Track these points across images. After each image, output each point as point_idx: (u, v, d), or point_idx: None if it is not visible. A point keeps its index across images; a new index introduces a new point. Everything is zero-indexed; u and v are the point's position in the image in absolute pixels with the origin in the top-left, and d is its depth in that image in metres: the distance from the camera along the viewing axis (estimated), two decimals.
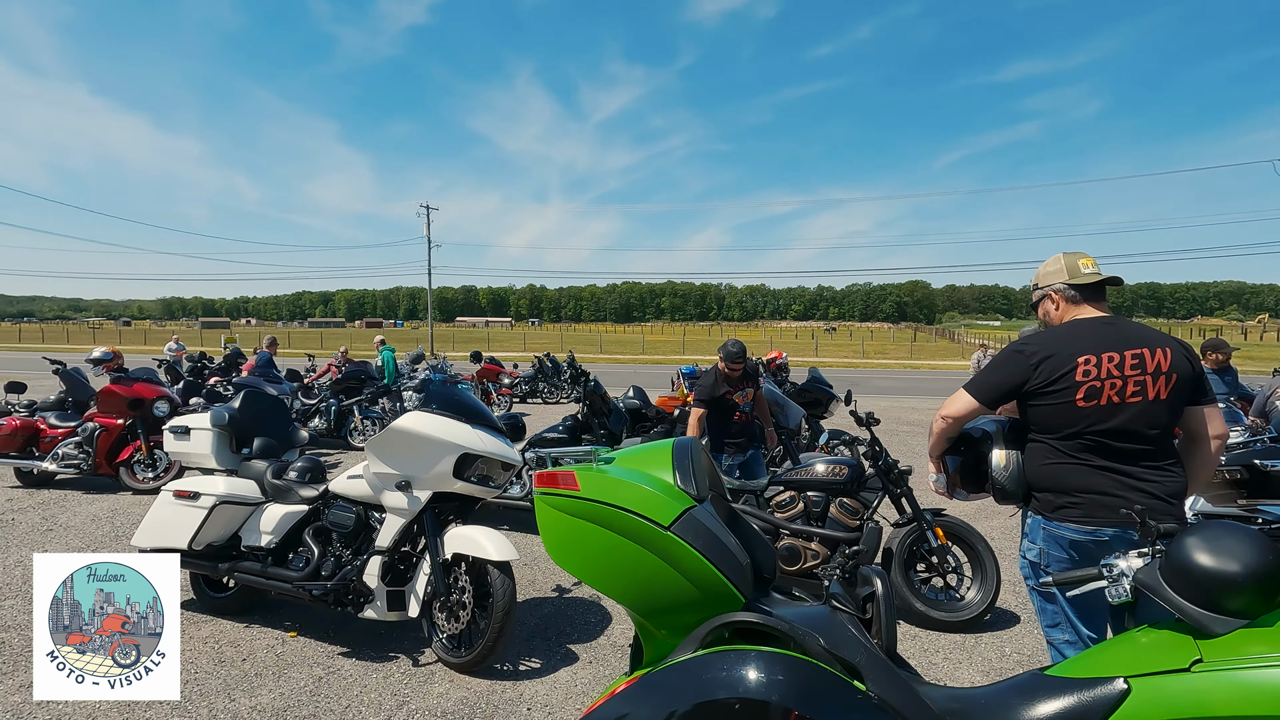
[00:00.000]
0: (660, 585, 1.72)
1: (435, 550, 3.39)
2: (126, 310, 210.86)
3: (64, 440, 7.45)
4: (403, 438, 3.37)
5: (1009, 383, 2.43)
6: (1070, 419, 2.33)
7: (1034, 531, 2.45)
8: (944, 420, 2.59)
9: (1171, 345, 2.32)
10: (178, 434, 4.17)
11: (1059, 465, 2.38)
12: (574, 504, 1.84)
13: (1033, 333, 2.61)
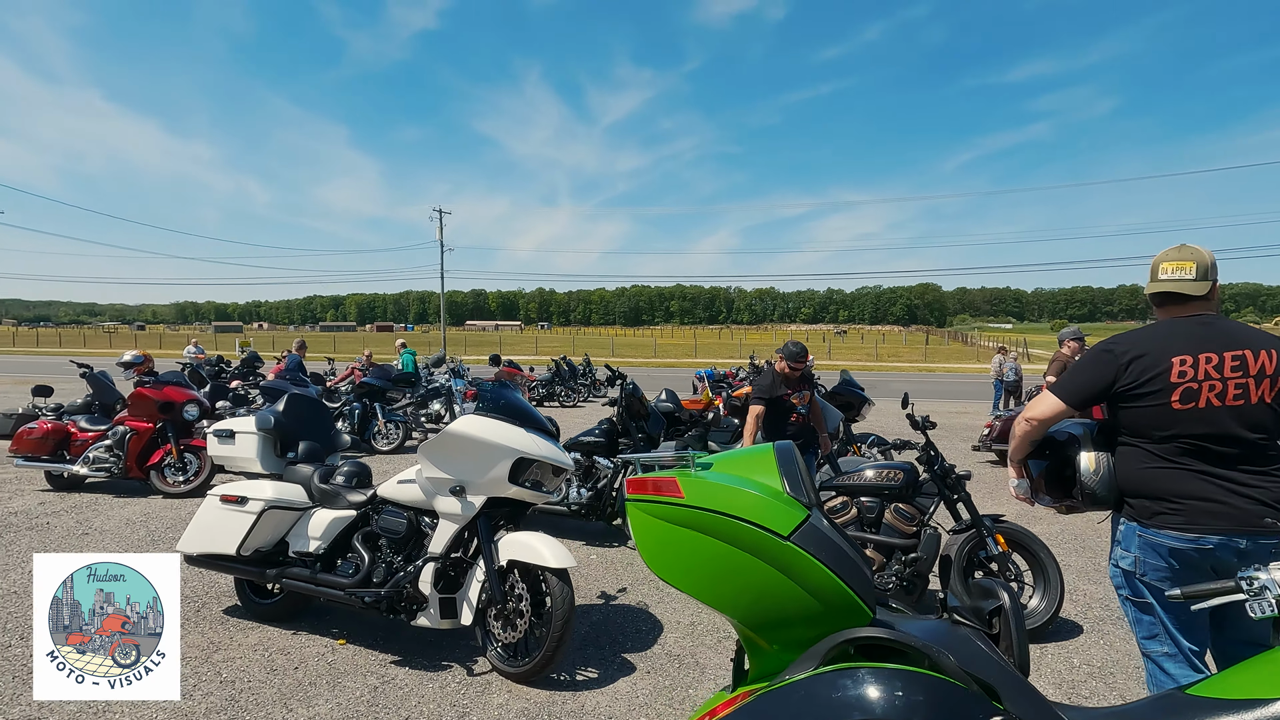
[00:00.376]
0: (775, 597, 1.63)
1: (490, 557, 3.32)
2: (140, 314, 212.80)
3: (94, 444, 7.45)
4: (458, 442, 3.30)
5: (1098, 384, 2.33)
6: (1165, 421, 2.23)
7: (1128, 539, 2.35)
8: (1028, 423, 2.49)
9: (1278, 348, 2.21)
10: (222, 437, 4.12)
11: (1155, 470, 2.27)
12: (677, 511, 1.76)
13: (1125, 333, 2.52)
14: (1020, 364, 17.57)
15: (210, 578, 4.55)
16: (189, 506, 6.67)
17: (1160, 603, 2.30)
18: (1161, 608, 2.30)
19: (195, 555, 3.86)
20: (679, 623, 4.00)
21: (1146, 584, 2.31)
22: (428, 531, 3.55)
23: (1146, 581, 2.31)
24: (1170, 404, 2.21)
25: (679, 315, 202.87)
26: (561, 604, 3.17)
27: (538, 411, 3.64)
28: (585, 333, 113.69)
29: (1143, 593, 2.33)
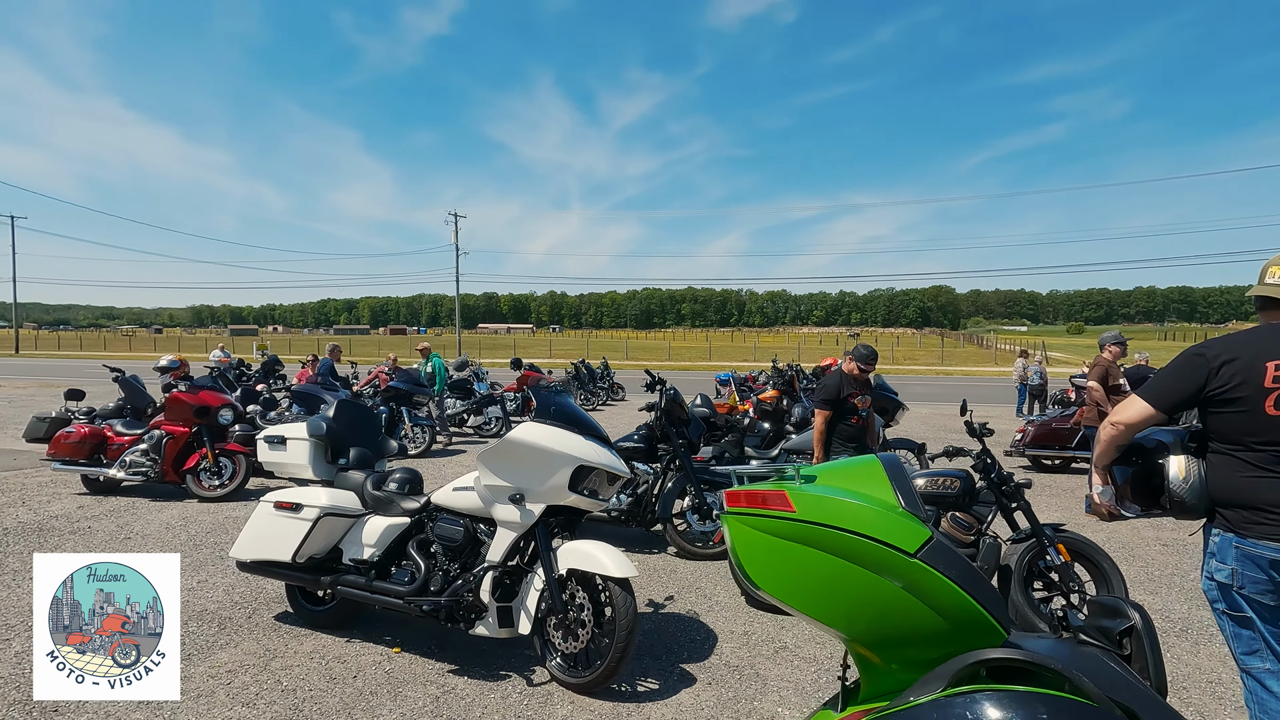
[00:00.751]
0: (898, 616, 1.58)
1: (550, 565, 3.28)
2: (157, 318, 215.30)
3: (130, 448, 7.50)
4: (518, 450, 3.27)
5: (1188, 388, 2.27)
6: (1259, 428, 2.17)
7: (1224, 550, 2.26)
8: (1115, 427, 2.41)
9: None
10: (272, 443, 4.12)
11: (1252, 479, 2.20)
12: (789, 526, 1.72)
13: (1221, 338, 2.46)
14: (1045, 367, 17.37)
15: (258, 583, 4.55)
16: (226, 510, 6.70)
17: (1261, 616, 2.22)
18: (1262, 621, 2.22)
19: (249, 562, 3.86)
20: (732, 632, 3.95)
21: (1245, 597, 2.24)
22: (484, 539, 3.52)
23: (1245, 595, 2.23)
24: (1264, 410, 2.14)
25: (690, 318, 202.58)
26: (625, 614, 3.13)
27: (592, 419, 3.61)
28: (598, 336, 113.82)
29: (1241, 606, 2.24)
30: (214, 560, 5.10)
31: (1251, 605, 2.23)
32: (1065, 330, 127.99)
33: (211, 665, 3.43)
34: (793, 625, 4.04)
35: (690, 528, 5.47)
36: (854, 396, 5.03)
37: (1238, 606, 2.26)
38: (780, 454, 6.48)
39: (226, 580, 4.66)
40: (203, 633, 3.82)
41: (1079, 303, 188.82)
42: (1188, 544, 5.87)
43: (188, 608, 4.16)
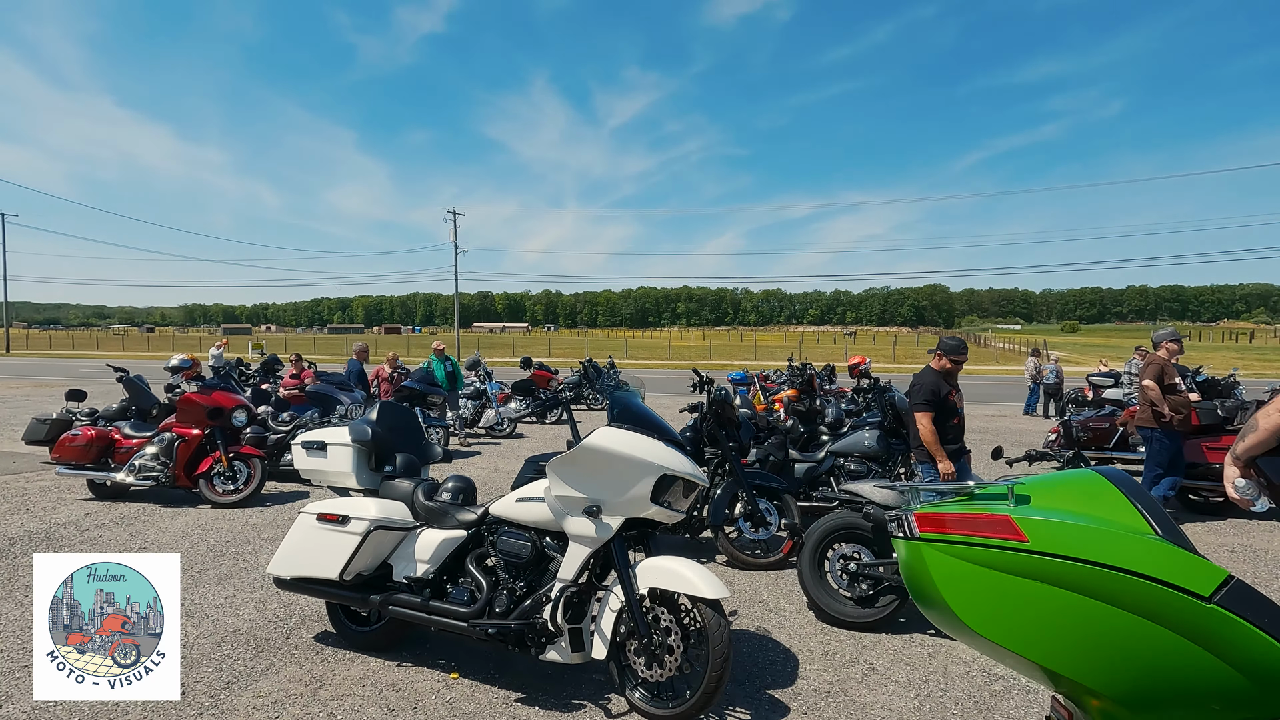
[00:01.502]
0: (1178, 671, 1.28)
1: (630, 584, 2.98)
2: (149, 317, 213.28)
3: (139, 451, 7.16)
4: (596, 457, 2.97)
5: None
6: None
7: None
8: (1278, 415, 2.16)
9: None
10: (311, 449, 3.80)
11: None
12: (1017, 559, 1.42)
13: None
14: (1060, 365, 17.16)
15: (290, 598, 4.24)
16: (243, 517, 6.37)
17: None
18: None
19: (289, 579, 3.54)
20: (811, 651, 3.66)
21: None
22: (552, 555, 3.22)
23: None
24: None
25: (686, 317, 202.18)
26: (719, 639, 2.83)
27: (667, 423, 3.32)
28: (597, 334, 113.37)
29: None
30: (239, 572, 4.78)
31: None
32: (1060, 329, 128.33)
33: (255, 695, 3.12)
34: (874, 644, 3.76)
35: (742, 535, 5.18)
36: (951, 394, 4.74)
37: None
38: (827, 456, 6.19)
39: (256, 595, 4.34)
40: (240, 656, 3.50)
41: (1072, 301, 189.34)
42: (1257, 550, 5.62)
43: (219, 627, 3.84)
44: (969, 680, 3.38)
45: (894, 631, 3.92)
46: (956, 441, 4.77)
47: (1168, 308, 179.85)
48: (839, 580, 4.07)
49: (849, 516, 4.10)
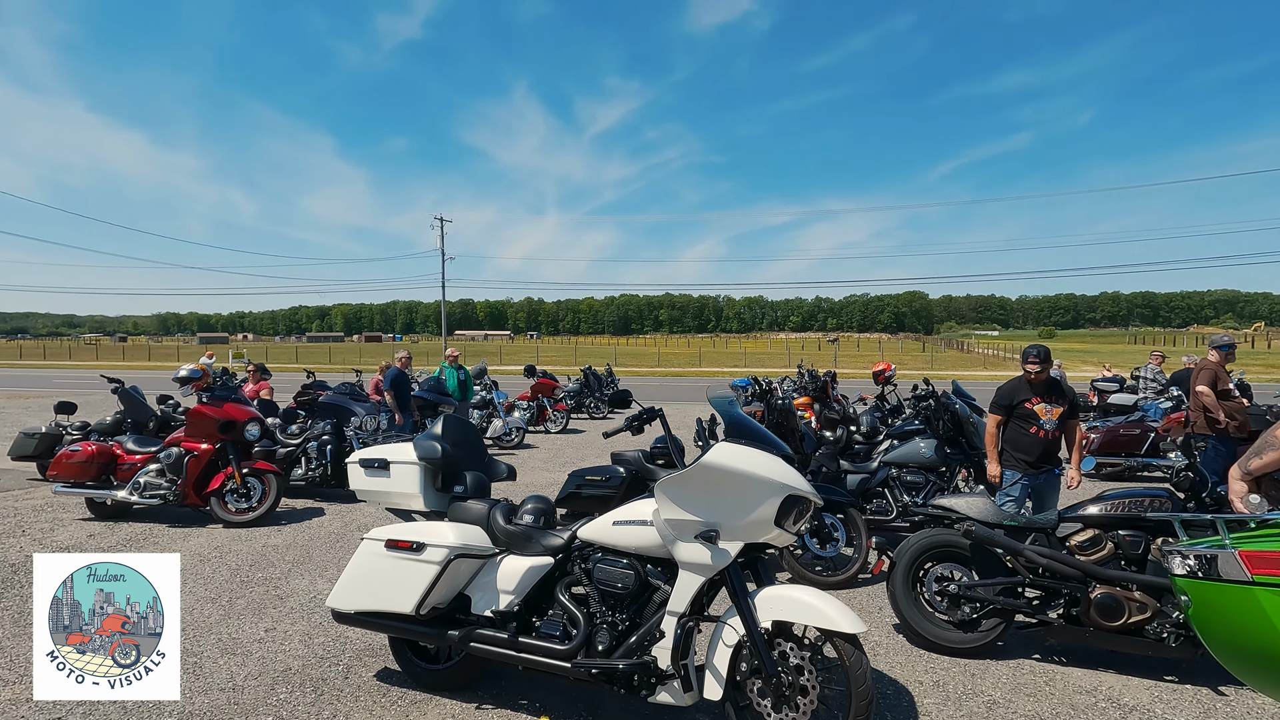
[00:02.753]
0: None
1: (750, 615, 2.69)
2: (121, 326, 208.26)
3: (144, 467, 6.71)
4: (716, 477, 2.67)
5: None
6: None
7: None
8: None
9: None
10: (371, 468, 3.45)
11: None
12: None
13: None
14: (1064, 371, 17.15)
15: (337, 631, 3.88)
16: (260, 538, 5.97)
17: None
18: None
19: (353, 613, 3.20)
20: (921, 683, 3.39)
21: None
22: (656, 584, 2.91)
23: None
24: None
25: (669, 324, 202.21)
26: (862, 677, 2.56)
27: (776, 437, 3.03)
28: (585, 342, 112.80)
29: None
30: (273, 601, 4.40)
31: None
32: (1037, 335, 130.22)
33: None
34: (982, 672, 3.50)
35: (807, 552, 4.91)
36: (1031, 403, 4.53)
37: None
38: (881, 467, 5.95)
39: (299, 627, 3.97)
40: (298, 701, 3.14)
41: (1047, 307, 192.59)
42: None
43: (267, 666, 3.48)
44: (1099, 711, 3.13)
45: (997, 658, 3.66)
46: (1032, 453, 4.55)
47: (1139, 313, 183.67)
48: (935, 602, 3.81)
49: (944, 534, 3.84)
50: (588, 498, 5.55)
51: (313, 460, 7.71)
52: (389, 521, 3.41)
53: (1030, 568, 3.61)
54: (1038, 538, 3.73)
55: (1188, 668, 3.48)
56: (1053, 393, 4.60)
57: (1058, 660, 3.64)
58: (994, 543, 3.67)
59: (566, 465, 9.90)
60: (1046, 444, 4.55)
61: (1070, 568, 3.52)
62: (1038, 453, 4.53)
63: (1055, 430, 4.54)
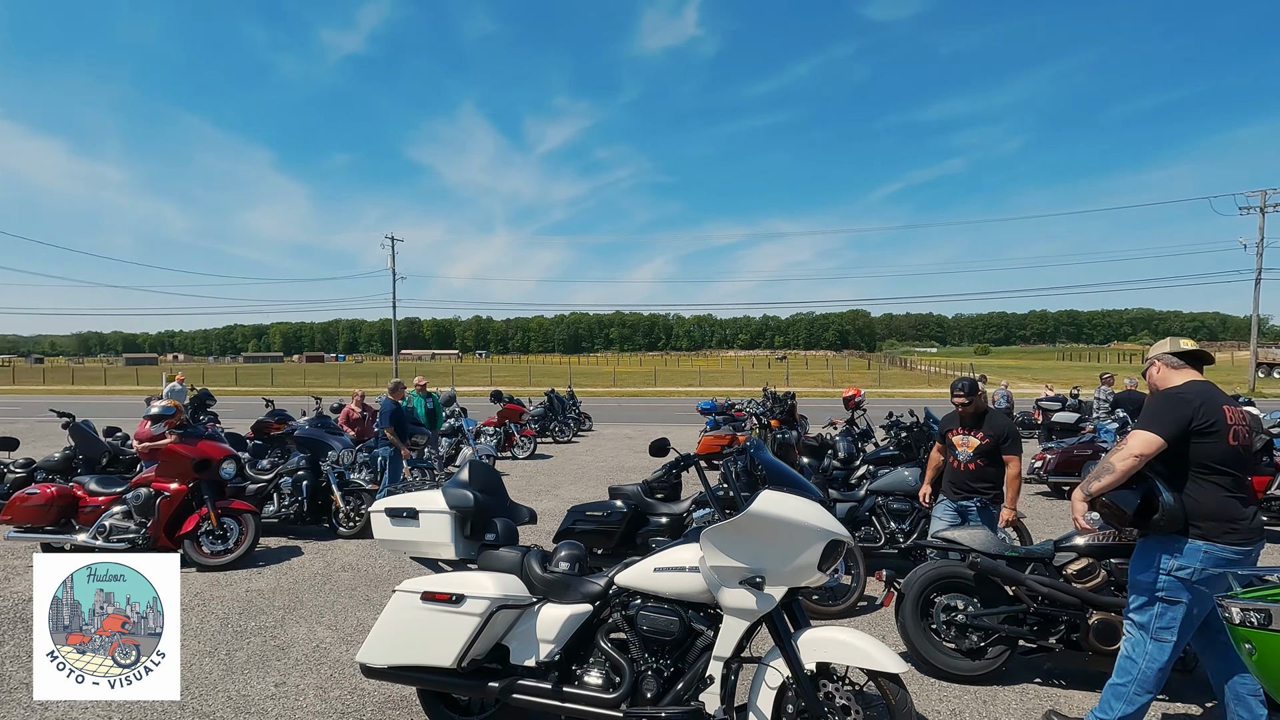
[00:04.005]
0: None
1: (794, 658, 2.78)
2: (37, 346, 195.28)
3: (108, 509, 6.38)
4: (763, 524, 2.77)
5: (1182, 421, 2.83)
6: (1224, 457, 2.82)
7: (1192, 555, 2.84)
8: (1136, 459, 2.82)
9: None
10: (398, 517, 3.41)
11: (1226, 498, 2.82)
12: None
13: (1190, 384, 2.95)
14: (1011, 390, 17.98)
15: (355, 683, 3.79)
16: (240, 581, 5.75)
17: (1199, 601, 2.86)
18: (1189, 607, 2.87)
19: (386, 668, 3.14)
20: (939, 712, 3.53)
21: (1195, 588, 2.85)
22: (699, 629, 2.98)
23: (1196, 586, 2.85)
24: (1228, 441, 2.81)
25: (619, 342, 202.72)
26: (907, 716, 2.67)
27: (809, 481, 3.15)
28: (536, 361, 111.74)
29: (1183, 595, 2.87)
30: (275, 652, 4.26)
31: (1195, 593, 2.86)
32: (973, 351, 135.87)
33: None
34: (992, 698, 3.67)
35: None
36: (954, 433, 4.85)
37: (1180, 596, 2.87)
38: (868, 495, 6.16)
39: (310, 680, 3.85)
40: None
41: (981, 325, 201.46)
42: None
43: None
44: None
45: (1003, 684, 3.85)
46: (952, 482, 4.74)
47: (1065, 331, 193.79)
48: (943, 632, 3.98)
49: (950, 565, 4.02)
50: (584, 532, 5.56)
51: (285, 496, 7.46)
52: (372, 561, 3.38)
53: (1032, 596, 3.82)
54: (1037, 567, 3.95)
55: (1176, 687, 3.73)
56: (976, 425, 4.70)
57: (1058, 684, 3.85)
58: (997, 573, 3.88)
59: (542, 493, 9.84)
60: (959, 473, 4.70)
61: (1069, 595, 3.75)
62: (955, 481, 4.73)
63: (970, 461, 4.65)
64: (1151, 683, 2.97)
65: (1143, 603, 3.00)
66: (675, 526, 5.55)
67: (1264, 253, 31.98)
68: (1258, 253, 32.04)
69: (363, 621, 4.77)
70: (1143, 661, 2.98)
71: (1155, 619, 2.95)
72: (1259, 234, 32.06)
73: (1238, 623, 2.04)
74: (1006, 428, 4.67)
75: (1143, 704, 2.99)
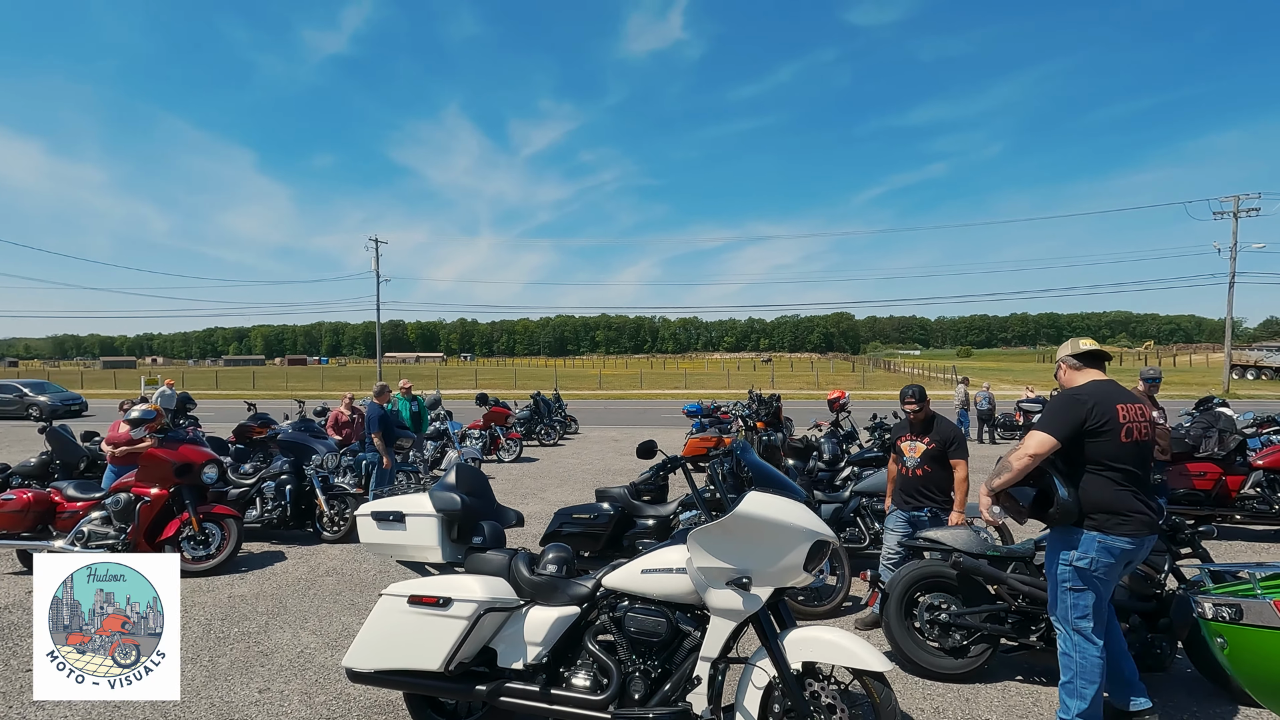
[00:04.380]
0: None
1: (781, 658, 2.81)
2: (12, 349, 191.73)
3: (86, 515, 6.29)
4: (749, 525, 2.79)
5: (1075, 421, 3.02)
6: (1117, 454, 2.99)
7: (1088, 545, 3.03)
8: (1030, 458, 3.05)
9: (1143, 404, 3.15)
10: (384, 521, 3.39)
11: (1116, 491, 2.99)
12: None
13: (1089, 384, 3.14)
14: (992, 391, 18.19)
15: (340, 688, 3.76)
16: (223, 587, 5.69)
17: (1097, 591, 3.05)
18: (1096, 595, 3.05)
19: (373, 672, 3.12)
20: (922, 710, 3.57)
21: (1094, 577, 3.04)
22: (686, 630, 2.99)
23: (1094, 575, 3.03)
24: (1120, 439, 2.99)
25: (605, 345, 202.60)
26: (892, 714, 2.71)
27: (794, 483, 3.18)
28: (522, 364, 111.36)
29: (1088, 584, 3.05)
30: (258, 658, 4.22)
31: (1095, 583, 3.04)
32: (955, 354, 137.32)
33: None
34: (975, 695, 3.72)
35: None
36: (903, 439, 4.94)
37: (1084, 584, 3.05)
38: (853, 496, 6.21)
39: (294, 686, 3.83)
40: None
41: (963, 328, 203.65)
42: None
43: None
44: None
45: (985, 681, 3.90)
46: (902, 489, 4.78)
47: (1045, 333, 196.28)
48: (927, 631, 4.03)
49: (933, 565, 4.08)
50: (571, 535, 5.57)
51: (269, 501, 7.39)
52: (357, 565, 3.37)
53: (1014, 595, 3.88)
54: (1018, 566, 4.01)
55: (1156, 685, 3.80)
56: (925, 431, 4.75)
57: (1039, 681, 3.91)
58: (979, 572, 3.93)
59: (528, 496, 9.82)
60: (906, 480, 4.75)
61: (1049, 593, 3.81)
62: (905, 489, 4.76)
63: (917, 468, 4.70)
64: (1094, 673, 3.06)
65: (1055, 595, 3.17)
66: (662, 529, 5.57)
67: (1237, 256, 32.65)
68: (1231, 256, 32.68)
69: (348, 626, 4.74)
70: (1076, 654, 3.09)
71: (1070, 610, 3.10)
72: (1232, 238, 32.70)
73: (1210, 618, 2.10)
74: (952, 432, 4.74)
75: (1091, 695, 3.06)
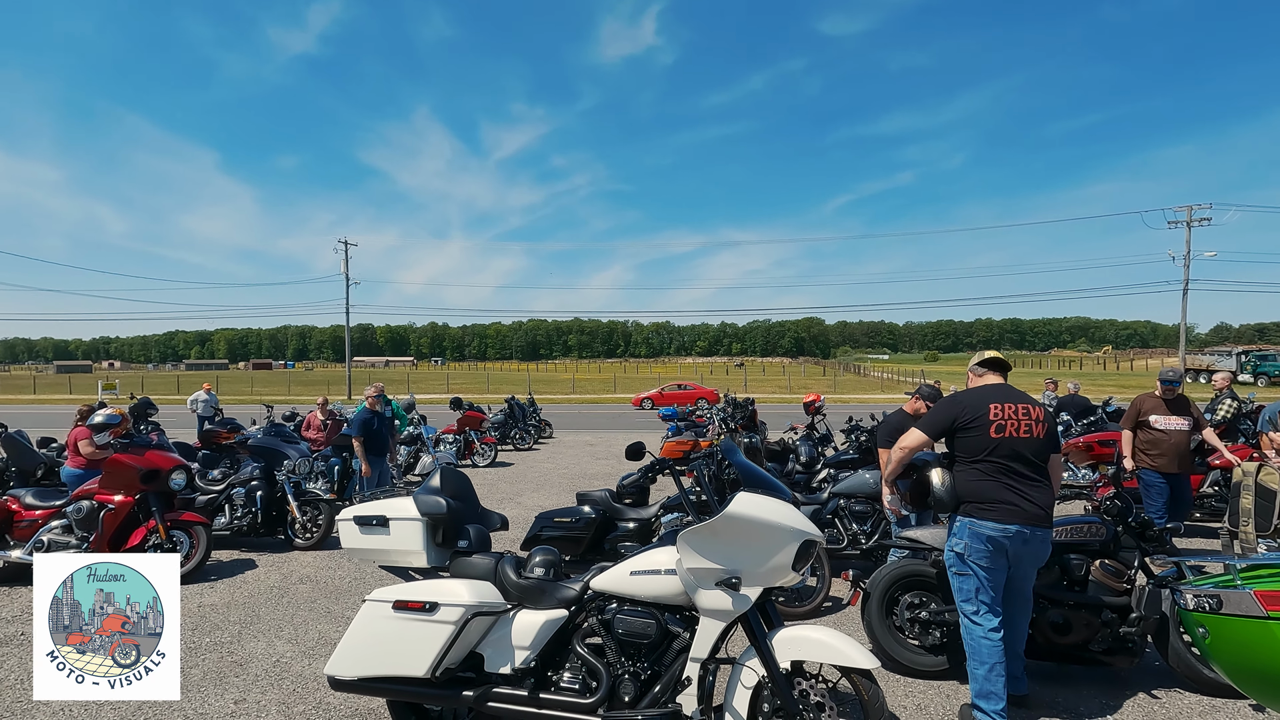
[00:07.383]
0: None
1: (770, 657, 2.83)
2: None
3: (47, 523, 6.07)
4: (738, 526, 2.81)
5: (946, 420, 3.39)
6: (985, 447, 3.25)
7: (962, 531, 3.31)
8: (902, 450, 3.49)
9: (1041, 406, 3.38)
10: (367, 525, 3.33)
11: (982, 482, 3.26)
12: None
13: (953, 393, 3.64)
14: None
15: (320, 697, 3.68)
16: (192, 596, 5.53)
17: (977, 575, 3.26)
18: (977, 579, 3.27)
19: (356, 679, 3.06)
20: (905, 708, 3.62)
21: (971, 562, 3.26)
22: (675, 631, 3.00)
23: (972, 560, 3.26)
24: (989, 434, 3.24)
25: (577, 349, 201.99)
26: (880, 711, 2.74)
27: (781, 483, 3.21)
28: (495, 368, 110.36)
29: (967, 569, 3.29)
30: (232, 668, 4.11)
31: (973, 567, 3.26)
32: (922, 358, 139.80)
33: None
34: (955, 692, 3.79)
35: None
36: None
37: (964, 569, 3.30)
38: (830, 498, 6.28)
39: (271, 696, 3.73)
40: None
41: (930, 333, 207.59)
42: None
43: None
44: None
45: (965, 678, 3.97)
46: None
47: (1009, 338, 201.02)
48: (907, 629, 4.08)
49: (913, 564, 4.14)
50: (553, 539, 5.54)
51: (239, 507, 7.21)
52: (332, 572, 3.32)
53: None
54: None
55: (1125, 676, 3.92)
56: None
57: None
58: None
59: (504, 501, 9.73)
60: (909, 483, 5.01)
61: None
62: None
63: None
64: (984, 653, 3.21)
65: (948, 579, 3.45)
66: (644, 531, 5.57)
67: (1190, 264, 33.89)
68: (1185, 264, 33.89)
69: (324, 634, 4.65)
70: (968, 637, 3.30)
71: (957, 593, 3.37)
72: (1186, 247, 33.93)
73: (1191, 608, 2.17)
74: None
75: (982, 675, 3.23)
